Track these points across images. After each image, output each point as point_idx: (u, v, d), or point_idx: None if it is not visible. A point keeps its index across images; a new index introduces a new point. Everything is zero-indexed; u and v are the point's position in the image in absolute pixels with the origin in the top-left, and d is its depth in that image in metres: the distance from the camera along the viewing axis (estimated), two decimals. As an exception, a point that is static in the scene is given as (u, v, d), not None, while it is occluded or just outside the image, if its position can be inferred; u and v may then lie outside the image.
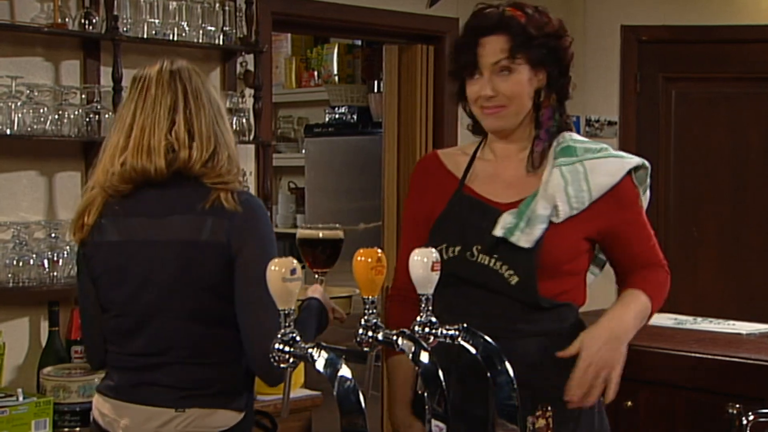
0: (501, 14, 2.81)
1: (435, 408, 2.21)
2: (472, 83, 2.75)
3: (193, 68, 2.76)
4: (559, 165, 2.76)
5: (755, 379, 3.69)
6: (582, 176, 2.74)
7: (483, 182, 2.81)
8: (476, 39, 2.74)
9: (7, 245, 3.94)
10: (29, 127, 3.95)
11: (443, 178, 2.85)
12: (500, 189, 2.79)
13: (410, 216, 2.95)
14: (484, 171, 2.83)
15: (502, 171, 2.82)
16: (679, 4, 6.17)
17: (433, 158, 2.97)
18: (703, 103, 6.26)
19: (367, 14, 5.16)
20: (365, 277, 2.16)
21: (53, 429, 3.77)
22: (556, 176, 2.73)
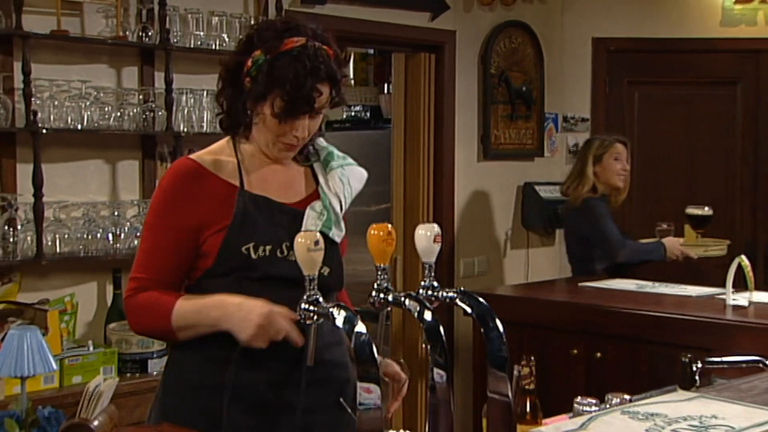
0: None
1: (437, 359, 2.21)
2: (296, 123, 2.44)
3: None
4: (334, 168, 2.61)
5: (703, 332, 3.74)
6: (346, 180, 2.62)
7: (260, 184, 2.51)
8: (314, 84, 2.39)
9: (78, 222, 3.96)
10: (96, 123, 3.98)
11: (214, 183, 2.45)
12: (278, 190, 2.53)
13: (174, 223, 2.42)
14: (256, 173, 2.52)
15: (271, 173, 2.55)
16: (641, 20, 6.19)
17: (193, 165, 2.48)
18: (662, 103, 6.28)
19: (378, 27, 5.17)
20: (378, 248, 2.18)
21: (117, 374, 3.81)
22: (336, 178, 2.59)
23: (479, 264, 5.73)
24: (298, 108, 2.40)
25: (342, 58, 2.51)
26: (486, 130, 5.73)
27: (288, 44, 2.40)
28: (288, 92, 2.37)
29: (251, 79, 2.43)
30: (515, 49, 5.85)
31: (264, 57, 2.41)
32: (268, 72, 2.39)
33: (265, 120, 2.44)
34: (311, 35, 2.44)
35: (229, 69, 2.51)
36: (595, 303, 4.34)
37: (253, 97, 2.43)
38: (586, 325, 4.20)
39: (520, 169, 5.93)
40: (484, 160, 5.76)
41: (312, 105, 2.41)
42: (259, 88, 2.41)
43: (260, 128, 2.47)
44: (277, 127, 2.44)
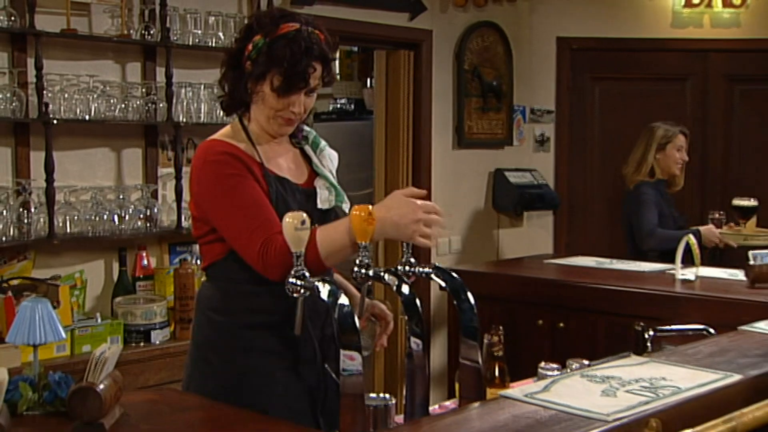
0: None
1: (414, 328, 2.23)
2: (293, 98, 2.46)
3: None
4: (323, 149, 2.65)
5: (655, 304, 3.75)
6: (330, 160, 2.66)
7: (274, 165, 2.50)
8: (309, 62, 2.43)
9: (87, 204, 3.96)
10: (102, 114, 3.97)
11: (250, 162, 2.44)
12: (289, 171, 2.55)
13: (246, 181, 2.40)
14: (267, 156, 2.50)
15: (277, 156, 2.55)
16: (601, 21, 6.20)
17: (224, 143, 2.47)
18: (620, 97, 6.28)
19: (361, 27, 5.15)
20: (360, 227, 2.18)
21: (123, 343, 3.81)
22: (327, 157, 2.64)
23: (454, 243, 5.74)
24: (295, 84, 2.43)
25: (331, 42, 2.53)
26: (460, 120, 5.73)
27: (284, 28, 2.43)
28: (286, 70, 2.40)
29: (252, 62, 2.46)
30: (487, 47, 5.84)
31: (263, 40, 2.44)
32: (267, 53, 2.43)
33: (265, 97, 2.46)
34: (304, 21, 2.49)
35: (231, 54, 2.54)
36: (559, 278, 4.36)
37: (254, 77, 2.46)
38: (550, 298, 4.21)
39: (491, 157, 5.93)
40: (458, 148, 5.76)
41: (307, 81, 2.44)
42: (259, 68, 2.44)
43: (260, 106, 2.50)
44: (276, 102, 2.45)
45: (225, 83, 2.56)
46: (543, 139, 6.18)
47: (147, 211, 4.09)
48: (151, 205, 4.11)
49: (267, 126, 2.52)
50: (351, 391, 1.96)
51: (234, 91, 2.53)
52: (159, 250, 4.25)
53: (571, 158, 6.26)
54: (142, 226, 4.07)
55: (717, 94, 6.30)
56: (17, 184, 3.79)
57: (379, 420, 2.11)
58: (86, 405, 1.84)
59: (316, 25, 2.50)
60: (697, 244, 4.04)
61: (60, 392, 1.95)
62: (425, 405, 2.24)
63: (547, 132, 6.20)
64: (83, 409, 1.84)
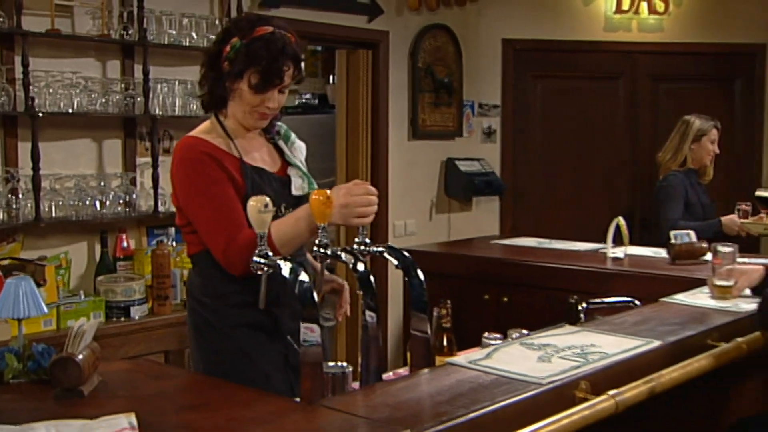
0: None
1: (368, 303, 2.23)
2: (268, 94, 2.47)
3: None
4: (294, 142, 2.66)
5: (588, 279, 3.78)
6: (300, 152, 2.67)
7: (250, 158, 2.51)
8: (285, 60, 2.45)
9: (70, 191, 3.93)
10: (85, 107, 3.93)
11: (226, 158, 2.44)
12: (263, 161, 2.56)
13: (220, 179, 2.41)
14: (244, 149, 2.51)
15: (253, 149, 2.56)
16: (542, 25, 6.22)
17: (202, 141, 2.46)
18: (559, 93, 6.31)
19: (324, 28, 5.14)
20: (318, 210, 2.19)
21: (105, 319, 3.81)
22: (296, 149, 2.65)
23: (409, 226, 5.75)
24: (271, 81, 2.44)
25: (300, 43, 2.54)
26: (414, 114, 5.73)
27: (260, 31, 2.45)
28: (263, 68, 2.42)
29: (230, 62, 2.47)
30: (438, 47, 5.85)
31: (241, 42, 2.45)
32: (245, 53, 2.44)
33: (242, 94, 2.47)
34: (277, 25, 2.50)
35: (210, 56, 2.54)
36: (504, 257, 4.38)
37: (232, 75, 2.47)
38: (495, 275, 4.23)
39: (443, 147, 5.94)
40: (413, 140, 5.76)
41: (282, 78, 2.45)
42: (237, 67, 2.45)
43: (237, 102, 2.50)
44: (253, 98, 2.46)
45: (205, 83, 2.56)
46: (490, 131, 6.20)
47: (126, 196, 4.07)
48: (130, 192, 4.09)
49: (243, 120, 2.53)
50: (311, 360, 1.97)
51: (213, 90, 2.53)
52: (138, 232, 4.23)
53: (515, 148, 6.29)
54: (122, 211, 4.05)
55: (644, 91, 6.38)
56: (6, 173, 3.75)
57: (337, 386, 2.12)
58: (66, 373, 1.83)
59: (287, 29, 2.52)
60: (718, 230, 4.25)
61: (43, 362, 1.94)
62: (379, 372, 2.25)
63: (494, 125, 6.22)
64: (64, 377, 1.84)
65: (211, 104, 2.56)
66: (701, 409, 2.65)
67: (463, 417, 1.73)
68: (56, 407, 1.79)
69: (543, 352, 2.24)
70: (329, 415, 1.72)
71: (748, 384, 2.87)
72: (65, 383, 1.85)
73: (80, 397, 1.85)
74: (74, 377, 1.84)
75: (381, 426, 1.65)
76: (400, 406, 1.80)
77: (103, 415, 1.65)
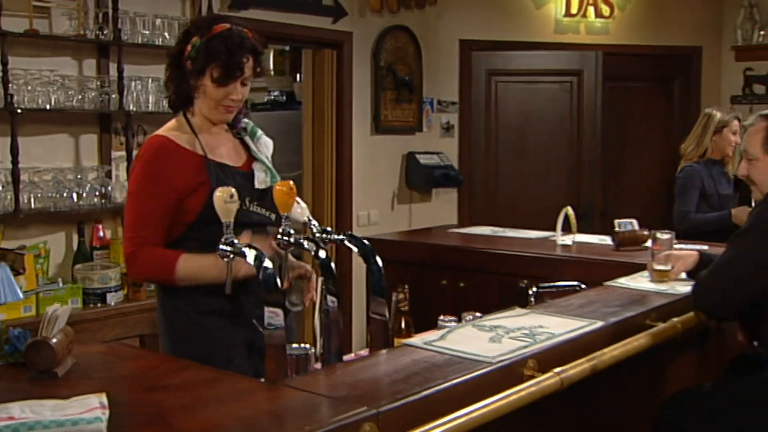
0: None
1: (329, 288, 2.23)
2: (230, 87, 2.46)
3: None
4: (260, 138, 2.62)
5: (539, 265, 3.77)
6: (266, 147, 2.63)
7: (216, 153, 2.48)
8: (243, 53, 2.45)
9: (49, 183, 3.89)
10: (62, 104, 3.90)
11: (185, 154, 2.42)
12: (229, 156, 2.53)
13: (158, 190, 2.39)
14: (211, 144, 2.49)
15: (218, 144, 2.53)
16: (496, 26, 6.24)
17: (166, 140, 2.44)
18: (512, 91, 6.30)
19: (291, 28, 5.11)
20: (282, 200, 2.18)
21: (82, 305, 3.79)
22: (262, 144, 2.61)
23: (372, 216, 5.75)
24: (232, 73, 2.42)
25: (258, 38, 2.53)
26: (377, 110, 5.72)
27: (218, 29, 2.44)
28: (223, 62, 2.41)
29: (191, 61, 2.45)
30: (400, 47, 5.84)
31: (200, 40, 2.44)
32: (205, 51, 2.43)
33: (206, 90, 2.46)
34: (234, 23, 2.50)
35: (173, 57, 2.52)
36: (460, 245, 4.37)
37: (194, 73, 2.45)
38: (453, 261, 4.22)
39: (404, 142, 5.94)
40: (375, 134, 5.75)
41: (242, 70, 2.44)
42: (199, 64, 2.44)
43: (203, 99, 2.48)
44: (217, 92, 2.44)
45: (170, 84, 2.54)
46: (448, 126, 6.21)
47: (102, 189, 4.03)
48: (105, 184, 4.05)
49: (210, 115, 2.50)
50: (274, 343, 1.96)
51: (179, 89, 2.51)
52: (113, 223, 4.18)
53: (472, 142, 6.29)
54: (98, 202, 4.01)
55: (591, 89, 6.40)
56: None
57: (300, 367, 2.11)
58: (41, 356, 1.81)
59: (244, 26, 2.51)
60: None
61: (19, 345, 1.92)
62: (340, 353, 2.25)
63: (452, 120, 6.22)
64: (38, 359, 1.82)
65: (179, 103, 2.53)
66: (640, 384, 2.68)
67: (417, 394, 1.73)
68: (31, 388, 1.77)
69: (494, 333, 2.24)
70: (292, 394, 1.71)
71: (683, 360, 2.91)
72: (40, 365, 1.82)
73: (54, 378, 1.83)
74: (48, 360, 1.82)
75: (340, 404, 1.65)
76: (358, 384, 1.80)
77: (76, 395, 1.64)
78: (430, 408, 1.73)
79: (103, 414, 1.53)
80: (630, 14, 6.54)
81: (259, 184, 2.51)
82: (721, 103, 6.87)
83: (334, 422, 1.54)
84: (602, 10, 6.43)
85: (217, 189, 2.07)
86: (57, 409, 1.55)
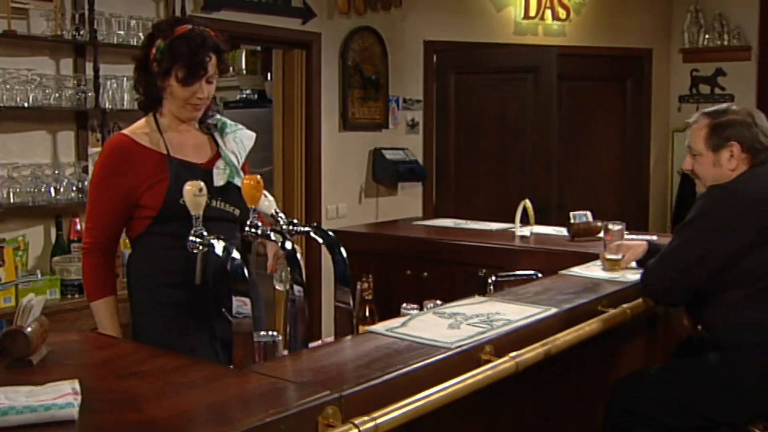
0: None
1: (296, 278, 2.22)
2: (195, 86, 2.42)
3: None
4: (228, 134, 2.57)
5: (498, 255, 3.77)
6: (239, 141, 2.58)
7: (180, 150, 2.45)
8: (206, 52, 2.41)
9: (27, 179, 3.85)
10: (40, 102, 3.85)
11: (145, 152, 2.40)
12: (193, 153, 2.49)
13: (111, 189, 2.39)
14: (176, 142, 2.46)
15: (184, 142, 2.49)
16: (459, 28, 6.24)
17: (126, 139, 2.43)
18: (474, 89, 6.30)
19: (262, 29, 5.09)
20: (250, 193, 2.18)
21: (60, 296, 3.76)
22: (230, 141, 2.56)
23: (341, 209, 5.74)
24: (196, 72, 2.39)
25: (221, 37, 2.49)
26: (345, 108, 5.70)
27: (180, 30, 2.41)
28: (186, 62, 2.38)
29: (157, 63, 2.42)
30: (366, 47, 5.82)
31: (164, 43, 2.41)
32: (168, 52, 2.40)
33: (173, 90, 2.43)
34: (196, 23, 2.47)
35: (139, 60, 2.49)
36: (424, 236, 4.37)
37: (161, 75, 2.42)
38: (417, 252, 4.22)
39: (370, 138, 5.93)
40: (343, 131, 5.74)
41: (206, 69, 2.41)
42: (164, 65, 2.40)
43: (170, 99, 2.46)
44: (183, 91, 2.42)
45: (139, 86, 2.51)
46: (413, 123, 6.21)
47: (79, 183, 3.99)
48: (82, 179, 4.00)
49: (179, 114, 2.48)
50: (243, 330, 1.95)
51: (147, 91, 2.49)
52: (90, 215, 4.15)
53: (436, 138, 6.30)
54: (75, 197, 3.96)
55: (548, 88, 6.42)
56: (-35, 162, 3.65)
57: (268, 353, 2.11)
58: (15, 344, 1.79)
59: (206, 25, 2.48)
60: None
61: (-6, 335, 1.89)
62: (306, 340, 2.25)
63: (417, 117, 6.22)
64: (13, 347, 1.79)
65: (148, 105, 2.51)
66: (593, 367, 2.70)
67: (379, 378, 1.73)
68: (7, 375, 1.74)
69: (453, 320, 2.25)
70: (258, 380, 1.70)
71: (633, 344, 2.94)
72: (15, 353, 1.80)
73: (30, 366, 1.80)
74: (23, 348, 1.79)
75: (304, 388, 1.64)
76: (323, 370, 1.80)
77: (50, 381, 1.62)
78: (392, 391, 1.73)
79: (75, 399, 1.52)
80: (585, 17, 6.59)
81: (217, 182, 2.45)
82: (669, 102, 6.96)
83: (298, 406, 1.54)
84: (559, 13, 6.48)
85: (187, 183, 2.06)
86: (31, 395, 1.53)
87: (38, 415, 1.46)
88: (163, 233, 2.38)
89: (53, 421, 1.46)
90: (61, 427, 1.45)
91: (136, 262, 2.51)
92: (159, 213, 2.38)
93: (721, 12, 6.68)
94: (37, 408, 1.47)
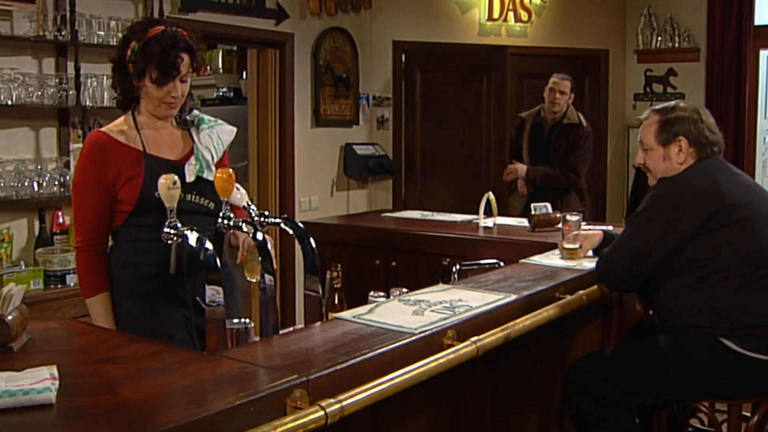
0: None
1: (267, 267, 2.21)
2: (169, 86, 2.40)
3: None
4: (204, 129, 2.53)
5: (463, 245, 3.79)
6: (215, 136, 2.54)
7: (156, 146, 2.43)
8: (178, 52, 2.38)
9: (11, 173, 3.80)
10: (23, 100, 3.81)
11: (122, 149, 2.38)
12: (168, 150, 2.46)
13: (95, 184, 2.36)
14: (152, 139, 2.44)
15: (159, 139, 2.46)
16: (427, 29, 6.24)
17: (104, 136, 2.41)
18: (440, 87, 6.28)
19: (237, 30, 5.06)
20: (222, 186, 2.17)
21: (44, 286, 3.72)
22: (205, 136, 2.52)
23: (313, 202, 5.72)
24: (169, 73, 2.37)
25: (194, 37, 2.46)
26: (317, 105, 5.69)
27: (153, 32, 2.38)
28: (159, 63, 2.35)
29: (132, 64, 2.40)
30: (337, 47, 5.81)
31: (138, 44, 2.38)
32: (142, 54, 2.37)
33: (148, 90, 2.41)
34: (168, 24, 2.44)
35: (115, 62, 2.47)
36: (392, 227, 4.38)
37: (136, 75, 2.39)
38: (385, 242, 4.22)
39: (342, 134, 5.92)
40: (315, 127, 5.72)
41: (179, 69, 2.38)
42: (138, 67, 2.38)
43: (146, 98, 2.43)
44: (157, 91, 2.39)
45: (117, 86, 2.49)
46: (383, 119, 6.21)
47: (61, 178, 3.94)
48: (64, 174, 3.95)
49: (156, 112, 2.45)
50: (215, 317, 1.94)
51: (124, 91, 2.47)
52: (71, 210, 4.08)
53: (404, 134, 6.30)
54: (58, 191, 3.92)
55: (511, 86, 6.45)
56: (-50, 158, 3.60)
57: (240, 339, 2.10)
58: (-4, 332, 1.77)
59: (179, 26, 2.45)
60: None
61: (-24, 323, 1.86)
62: (276, 327, 2.24)
63: (386, 114, 6.22)
64: (-6, 335, 1.77)
65: (126, 103, 2.49)
66: (551, 351, 2.72)
67: (345, 363, 1.73)
68: (-13, 362, 1.72)
69: (417, 307, 2.25)
70: (230, 364, 1.70)
71: (589, 328, 2.96)
72: (-5, 341, 1.78)
73: (10, 352, 1.78)
74: (3, 335, 1.77)
75: (274, 372, 1.64)
76: (291, 355, 1.79)
77: (30, 367, 1.60)
78: (357, 375, 1.73)
79: (53, 384, 1.50)
80: (545, 20, 6.62)
81: (189, 177, 2.42)
82: (625, 99, 7.01)
83: (267, 389, 1.54)
84: (521, 15, 6.50)
85: (161, 176, 2.06)
86: (10, 381, 1.52)
87: (17, 399, 1.45)
88: (140, 225, 2.37)
89: (32, 405, 1.45)
90: (40, 411, 1.44)
91: (115, 253, 2.48)
92: (135, 207, 2.36)
93: (672, 15, 6.74)
94: (15, 392, 1.46)
